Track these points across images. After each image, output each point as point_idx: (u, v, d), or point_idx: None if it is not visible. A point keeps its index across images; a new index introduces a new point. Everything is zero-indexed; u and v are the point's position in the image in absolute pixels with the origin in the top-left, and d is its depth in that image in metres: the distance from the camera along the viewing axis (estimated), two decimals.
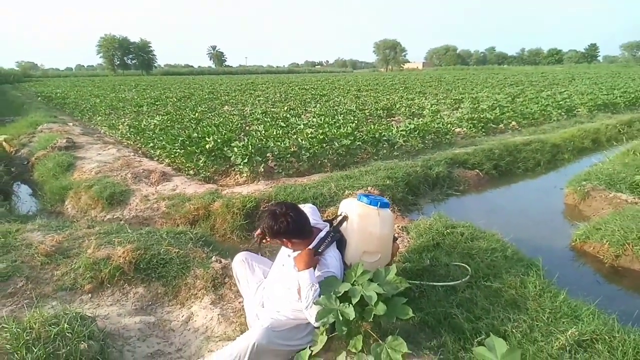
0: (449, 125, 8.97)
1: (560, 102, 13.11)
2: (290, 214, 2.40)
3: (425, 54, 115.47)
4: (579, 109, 12.90)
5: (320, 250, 2.44)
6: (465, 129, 9.49)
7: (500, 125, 10.12)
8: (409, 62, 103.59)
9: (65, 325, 2.48)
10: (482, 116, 9.85)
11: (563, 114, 11.97)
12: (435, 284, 2.93)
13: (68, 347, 2.38)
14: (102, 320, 2.93)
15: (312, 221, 2.57)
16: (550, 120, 11.46)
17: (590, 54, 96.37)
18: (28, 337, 2.36)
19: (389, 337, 2.15)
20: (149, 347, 2.81)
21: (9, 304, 3.07)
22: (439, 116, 10.62)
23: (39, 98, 21.99)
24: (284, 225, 2.38)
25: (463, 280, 2.93)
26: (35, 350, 2.28)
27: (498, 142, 7.91)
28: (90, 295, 3.32)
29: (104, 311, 3.13)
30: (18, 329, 2.40)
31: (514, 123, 10.48)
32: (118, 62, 76.29)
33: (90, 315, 2.84)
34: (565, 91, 17.84)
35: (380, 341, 2.16)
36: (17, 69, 60.79)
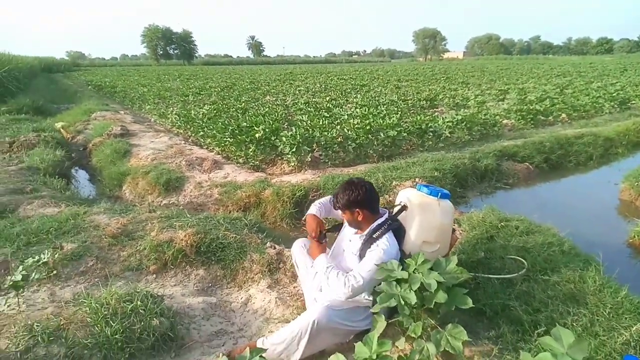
0: (496, 116, 8.78)
1: (613, 94, 12.52)
2: (366, 185, 2.59)
3: (466, 43, 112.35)
4: (634, 101, 12.28)
5: (374, 236, 2.51)
6: (513, 121, 9.26)
7: (550, 118, 9.80)
8: (449, 51, 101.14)
9: (138, 302, 2.68)
10: (530, 108, 9.57)
11: (616, 106, 11.44)
12: (491, 276, 2.94)
13: (142, 323, 2.58)
14: (168, 299, 3.11)
15: None
16: (602, 113, 10.99)
17: None
18: (106, 312, 2.56)
19: (449, 325, 2.20)
20: (213, 326, 2.97)
21: (82, 281, 3.32)
22: (485, 107, 10.40)
23: (89, 87, 22.97)
24: (361, 194, 2.53)
25: (520, 273, 2.92)
26: (114, 324, 2.47)
27: (548, 135, 7.69)
28: (155, 275, 3.53)
29: (169, 291, 3.32)
30: (96, 305, 2.61)
31: (563, 115, 10.12)
32: (161, 52, 78.46)
33: (159, 294, 3.03)
34: (617, 82, 16.99)
35: (440, 329, 2.22)
36: (67, 58, 63.54)
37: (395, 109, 9.94)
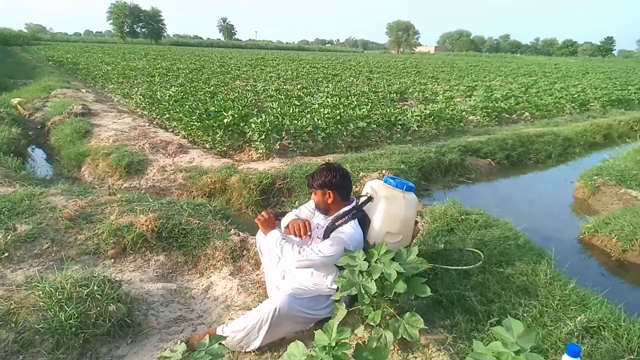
0: (463, 112, 8.98)
1: (574, 96, 13.05)
2: (342, 170, 2.68)
3: (438, 38, 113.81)
4: (593, 104, 12.83)
5: (339, 223, 2.55)
6: (478, 118, 9.50)
7: (514, 116, 10.11)
8: (421, 45, 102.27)
9: (95, 287, 2.60)
10: (496, 105, 9.83)
11: (576, 107, 11.93)
12: (449, 267, 3.02)
13: (98, 308, 2.50)
14: (126, 285, 3.04)
15: None
16: (563, 113, 11.43)
17: (605, 47, 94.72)
18: (60, 296, 2.47)
19: (407, 314, 2.26)
20: (172, 313, 2.93)
21: (36, 265, 3.19)
22: (452, 103, 10.61)
23: (50, 62, 21.94)
24: (337, 176, 2.60)
25: (476, 265, 3.02)
26: (68, 309, 2.40)
27: (511, 132, 7.94)
28: (112, 260, 3.43)
29: (127, 276, 3.25)
30: (51, 288, 2.52)
31: (527, 114, 10.46)
32: (127, 30, 75.58)
33: (116, 279, 2.96)
34: (579, 84, 17.68)
35: (398, 317, 2.27)
36: (26, 31, 60.32)
37: (366, 100, 10.00)
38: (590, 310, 2.57)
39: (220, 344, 1.82)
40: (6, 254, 3.14)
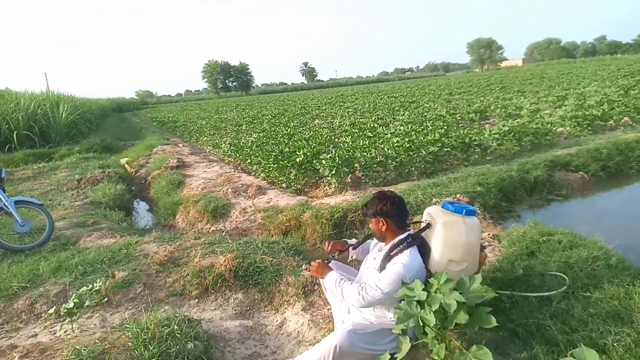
0: (550, 125, 8.36)
1: None
2: (397, 198, 2.70)
3: (525, 49, 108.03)
4: None
5: (395, 252, 2.52)
6: (568, 128, 8.75)
7: (610, 122, 9.15)
8: (507, 59, 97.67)
9: (175, 326, 2.82)
10: (587, 113, 9.01)
11: None
12: (527, 294, 2.81)
13: (177, 347, 2.70)
14: (206, 323, 3.25)
15: None
16: None
17: None
18: (145, 337, 2.72)
19: (474, 347, 2.13)
20: (247, 349, 3.06)
21: (130, 308, 3.55)
22: (538, 116, 9.94)
23: (154, 123, 24.62)
24: (388, 204, 2.62)
25: (559, 290, 2.76)
26: (151, 348, 2.62)
27: (606, 141, 7.18)
28: (197, 300, 3.70)
29: (208, 315, 3.47)
30: (137, 329, 2.78)
31: (626, 119, 9.40)
32: (220, 86, 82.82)
33: (196, 318, 3.18)
34: None
35: (464, 350, 2.15)
36: (136, 97, 68.65)
37: (442, 123, 9.77)
38: None
39: None
40: (106, 299, 3.54)
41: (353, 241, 3.08)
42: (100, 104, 29.58)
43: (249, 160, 8.37)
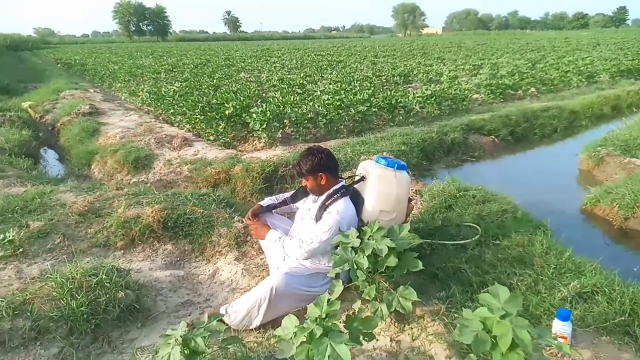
0: (467, 91, 8.92)
1: (582, 68, 12.81)
2: (325, 151, 2.76)
3: (445, 18, 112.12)
4: (601, 75, 12.57)
5: (330, 202, 2.63)
6: (483, 95, 9.42)
7: (519, 92, 10.00)
8: (428, 27, 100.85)
9: (104, 276, 2.72)
10: (500, 82, 9.73)
11: (583, 80, 11.71)
12: (446, 242, 3.09)
13: (107, 295, 2.63)
14: (135, 274, 3.16)
15: None
16: (570, 87, 11.25)
17: (618, 18, 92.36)
18: (71, 286, 2.60)
19: (401, 287, 2.33)
20: (180, 298, 3.05)
21: (49, 259, 3.33)
22: (456, 82, 10.53)
23: (59, 65, 22.29)
24: (323, 157, 2.69)
25: (473, 239, 3.07)
26: (79, 297, 2.52)
27: (515, 109, 7.88)
28: (122, 251, 3.56)
29: (136, 266, 3.37)
30: (62, 279, 2.65)
31: (532, 89, 10.33)
32: (134, 29, 76.24)
33: (124, 268, 3.09)
34: (588, 57, 17.32)
35: (392, 290, 2.35)
36: (35, 35, 61.11)
37: (369, 84, 9.99)
38: (585, 276, 2.62)
39: (218, 321, 1.93)
40: (21, 250, 3.28)
41: (267, 201, 3.09)
42: None
43: (171, 111, 7.96)
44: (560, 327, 2.08)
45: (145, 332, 2.63)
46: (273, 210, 3.08)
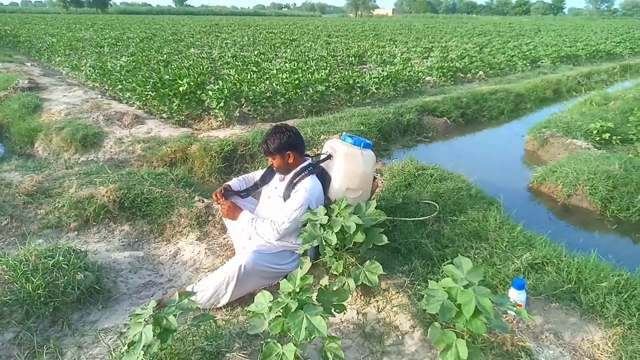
0: (420, 73, 9.12)
1: (526, 53, 13.44)
2: (292, 129, 2.72)
3: (395, 0, 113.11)
4: (543, 60, 13.27)
5: (297, 179, 2.64)
6: (435, 78, 9.67)
7: (468, 75, 10.36)
8: (379, 8, 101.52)
9: (60, 257, 2.61)
10: (451, 65, 10.02)
11: (528, 64, 12.32)
12: (407, 219, 3.19)
13: (65, 277, 2.52)
14: (92, 255, 3.05)
15: None
16: (515, 71, 11.80)
17: (556, 6, 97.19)
18: (26, 269, 2.47)
19: (367, 262, 2.41)
20: (141, 279, 2.98)
21: None
22: (409, 64, 10.72)
23: None
24: (291, 135, 2.66)
25: (432, 215, 3.20)
26: (35, 280, 2.40)
27: (466, 91, 8.17)
28: (76, 232, 3.42)
29: (92, 247, 3.24)
30: (15, 262, 2.51)
31: (481, 73, 10.73)
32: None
33: (81, 249, 2.96)
34: (530, 42, 18.18)
35: (359, 265, 2.42)
36: None
37: (325, 64, 9.96)
38: (536, 249, 2.81)
39: (189, 299, 1.91)
40: None
41: (236, 184, 3.03)
42: None
43: (119, 87, 7.56)
44: (516, 296, 2.23)
45: (107, 314, 2.56)
46: (244, 196, 3.02)
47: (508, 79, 10.50)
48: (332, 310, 1.97)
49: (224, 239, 3.40)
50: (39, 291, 2.37)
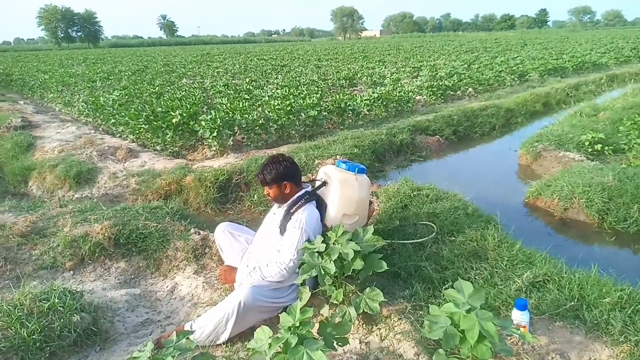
0: (410, 93, 9.21)
1: (513, 68, 13.64)
2: (289, 159, 2.74)
3: (382, 21, 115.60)
4: (531, 74, 13.46)
5: (294, 209, 2.62)
6: (425, 97, 9.77)
7: (458, 92, 10.48)
8: (367, 30, 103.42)
9: (56, 300, 2.56)
10: (440, 83, 10.15)
11: (516, 79, 12.49)
12: (405, 241, 3.18)
13: (62, 320, 2.47)
14: (88, 295, 2.99)
15: None
16: (504, 86, 11.95)
17: (540, 19, 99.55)
18: (20, 313, 2.43)
19: (367, 289, 2.37)
20: (139, 317, 2.92)
21: None
22: (399, 85, 10.85)
23: None
24: (288, 165, 2.68)
25: (430, 237, 3.18)
26: (30, 325, 2.35)
27: (456, 109, 8.25)
28: (72, 272, 3.37)
29: (89, 286, 3.19)
30: (9, 307, 2.47)
31: (470, 89, 10.87)
32: (62, 35, 72.07)
33: (77, 290, 2.91)
34: (517, 57, 18.50)
35: (359, 293, 2.38)
36: None
37: (316, 88, 10.06)
38: (536, 266, 2.79)
39: (187, 338, 1.87)
40: None
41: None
42: None
43: (112, 121, 7.60)
44: (519, 317, 2.20)
45: (105, 356, 2.50)
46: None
47: (497, 94, 10.62)
48: (335, 343, 1.93)
49: None
50: (34, 336, 2.32)
